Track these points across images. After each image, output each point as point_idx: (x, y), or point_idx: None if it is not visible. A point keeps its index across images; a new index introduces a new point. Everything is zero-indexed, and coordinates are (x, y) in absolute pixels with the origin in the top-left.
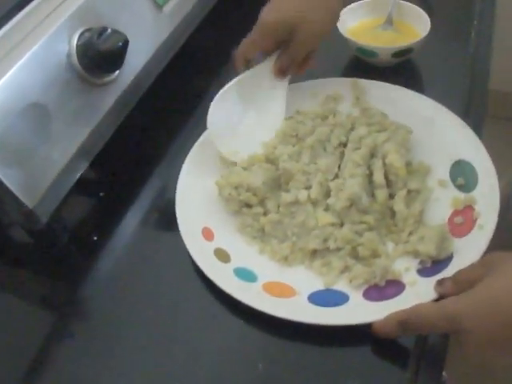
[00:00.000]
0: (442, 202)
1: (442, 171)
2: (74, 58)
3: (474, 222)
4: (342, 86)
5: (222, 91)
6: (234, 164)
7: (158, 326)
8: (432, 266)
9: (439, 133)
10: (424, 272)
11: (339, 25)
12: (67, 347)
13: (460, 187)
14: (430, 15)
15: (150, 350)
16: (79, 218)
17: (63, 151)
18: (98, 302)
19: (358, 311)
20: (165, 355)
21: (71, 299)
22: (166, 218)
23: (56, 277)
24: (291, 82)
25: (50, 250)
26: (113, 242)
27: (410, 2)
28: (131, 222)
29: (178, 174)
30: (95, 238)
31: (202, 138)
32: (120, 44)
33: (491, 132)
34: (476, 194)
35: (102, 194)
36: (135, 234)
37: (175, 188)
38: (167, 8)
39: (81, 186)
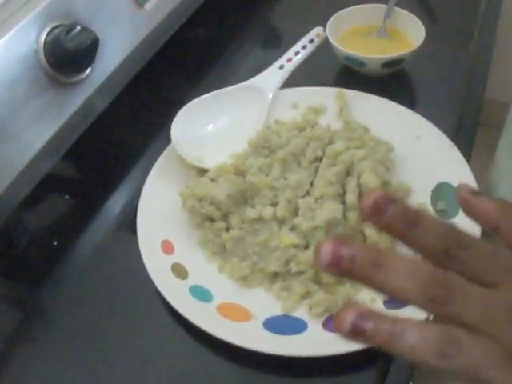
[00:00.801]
0: None
1: (422, 194)
2: (42, 56)
3: None
4: (326, 96)
5: (188, 104)
6: (202, 175)
7: (113, 337)
8: None
9: (423, 152)
10: (391, 304)
11: (328, 31)
12: (27, 350)
13: (440, 212)
14: (432, 24)
15: (103, 360)
16: (41, 221)
17: (24, 152)
18: (57, 307)
19: (316, 342)
20: (118, 367)
21: (31, 303)
22: (130, 228)
23: (15, 279)
24: None
25: (8, 253)
26: (74, 247)
27: (412, 8)
28: (95, 228)
29: None
30: (55, 243)
31: (169, 148)
32: (88, 42)
33: None
34: (457, 221)
35: (67, 197)
36: (97, 241)
37: None
38: (149, 5)
39: (45, 188)
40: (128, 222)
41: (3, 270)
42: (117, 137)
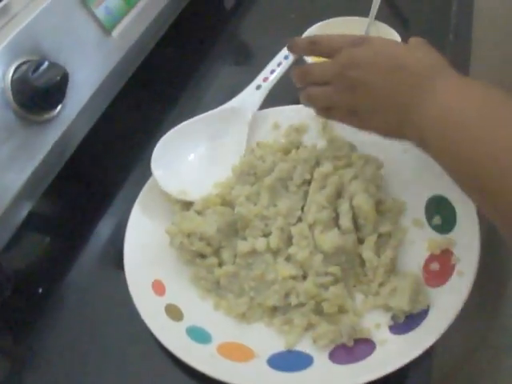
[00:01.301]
0: (417, 245)
1: (416, 209)
2: (9, 95)
3: (452, 268)
4: (307, 114)
5: (166, 135)
6: (187, 208)
7: (108, 381)
8: (405, 321)
9: (412, 165)
10: (397, 328)
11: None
12: None
13: (437, 228)
14: (407, 32)
15: None
16: (23, 268)
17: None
18: (46, 354)
19: (324, 376)
20: None
21: (19, 352)
22: (116, 266)
23: (0, 330)
24: None
25: None
26: (60, 292)
27: (386, 19)
28: (80, 269)
29: None
30: (40, 291)
31: (150, 181)
32: (58, 78)
33: None
34: (454, 235)
35: (47, 239)
36: (84, 283)
37: None
38: (116, 32)
39: (24, 232)
40: (114, 261)
41: None
42: (92, 171)
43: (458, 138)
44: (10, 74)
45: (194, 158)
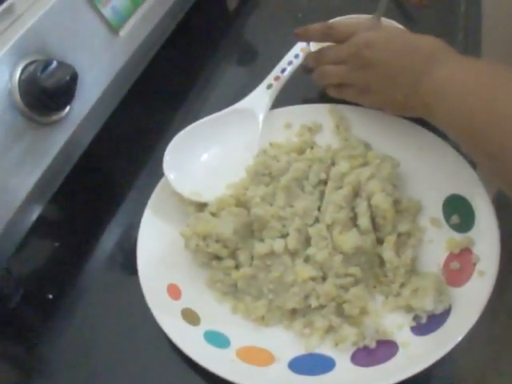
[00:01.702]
0: (436, 245)
1: (434, 208)
2: (17, 96)
3: (472, 267)
4: (319, 113)
5: (178, 135)
6: (200, 210)
7: None
8: (428, 321)
9: (428, 163)
10: (419, 329)
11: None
12: None
13: (455, 227)
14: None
15: None
16: (32, 274)
17: (9, 202)
18: (58, 362)
19: (347, 380)
20: None
21: (30, 360)
22: (129, 270)
23: (11, 338)
24: None
25: (1, 311)
26: (70, 298)
27: (391, 16)
28: (91, 274)
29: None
30: (50, 297)
31: (162, 182)
32: (67, 78)
33: None
34: (473, 234)
35: (57, 244)
36: (95, 289)
37: None
38: (123, 32)
39: (34, 238)
40: (126, 265)
41: None
42: (101, 173)
43: (458, 103)
44: (18, 75)
45: (206, 159)
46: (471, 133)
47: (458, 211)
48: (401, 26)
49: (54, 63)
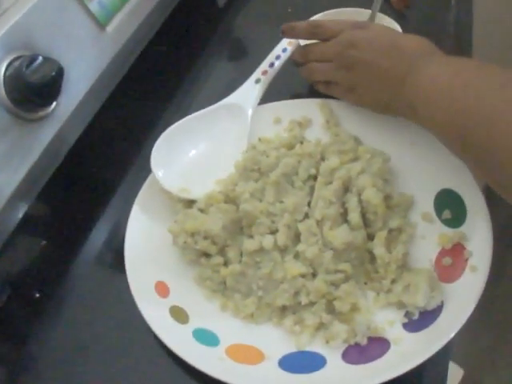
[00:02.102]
0: (428, 240)
1: (425, 203)
2: (2, 92)
3: (465, 262)
4: (309, 107)
5: (165, 132)
6: (189, 206)
7: None
8: (420, 317)
9: (420, 159)
10: (411, 326)
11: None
12: None
13: (447, 222)
14: (408, 27)
15: None
16: (19, 273)
17: None
18: (45, 361)
19: (338, 378)
20: None
21: (17, 358)
22: (117, 268)
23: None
24: None
25: None
26: (58, 297)
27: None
28: (79, 272)
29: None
30: (38, 295)
31: (150, 179)
32: (53, 73)
33: None
34: (465, 229)
35: (44, 242)
36: (83, 287)
37: None
38: (111, 27)
39: (20, 236)
40: (113, 262)
41: None
42: (87, 170)
43: (443, 104)
44: (3, 71)
45: (194, 155)
46: (456, 133)
47: (450, 206)
48: (395, 23)
49: (40, 59)
